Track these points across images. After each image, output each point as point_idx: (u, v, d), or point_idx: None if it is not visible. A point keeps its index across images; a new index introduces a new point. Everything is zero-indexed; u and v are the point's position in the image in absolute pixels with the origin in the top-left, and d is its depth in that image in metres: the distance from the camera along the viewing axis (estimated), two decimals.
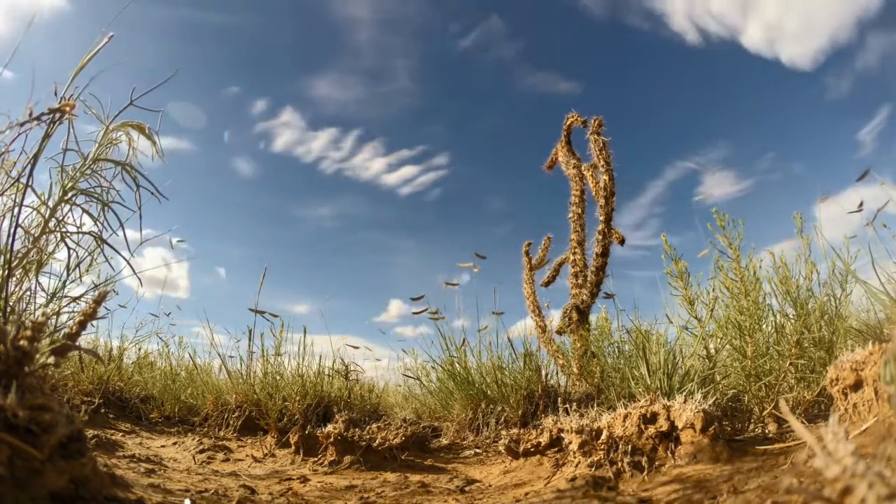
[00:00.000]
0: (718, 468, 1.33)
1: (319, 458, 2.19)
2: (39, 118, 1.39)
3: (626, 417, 1.58)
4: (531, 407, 2.65)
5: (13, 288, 1.52)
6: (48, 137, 1.47)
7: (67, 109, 1.43)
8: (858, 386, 1.27)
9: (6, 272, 1.41)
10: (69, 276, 1.72)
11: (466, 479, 1.86)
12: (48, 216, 1.57)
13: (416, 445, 2.28)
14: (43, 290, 1.68)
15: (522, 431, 2.05)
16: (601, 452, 1.56)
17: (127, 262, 1.70)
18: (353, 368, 3.29)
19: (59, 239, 1.65)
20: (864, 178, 2.06)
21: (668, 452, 1.47)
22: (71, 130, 1.57)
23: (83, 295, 1.81)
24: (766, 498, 0.94)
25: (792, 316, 2.03)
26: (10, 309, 1.45)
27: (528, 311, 3.82)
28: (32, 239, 1.55)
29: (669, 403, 1.54)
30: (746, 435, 1.74)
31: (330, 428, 2.19)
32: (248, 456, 2.35)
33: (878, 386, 1.21)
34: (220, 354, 3.29)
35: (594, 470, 1.52)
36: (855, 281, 2.09)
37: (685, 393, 1.81)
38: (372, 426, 2.35)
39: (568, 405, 2.06)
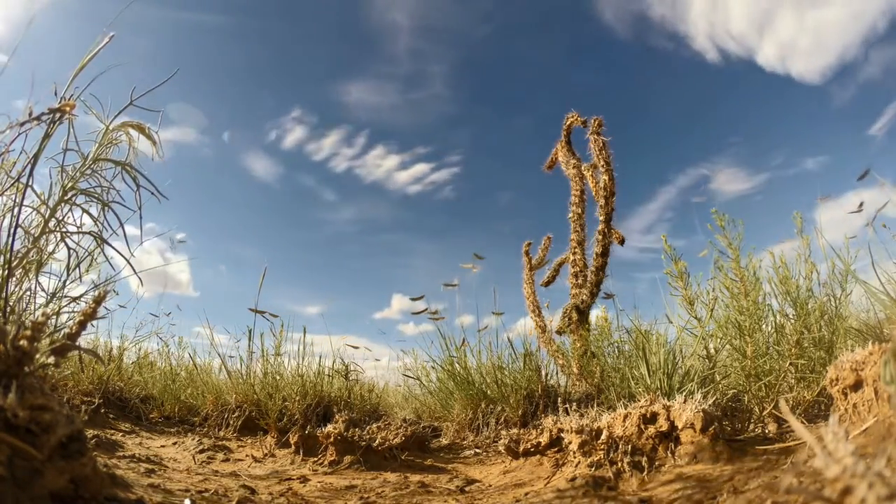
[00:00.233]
0: (718, 468, 1.33)
1: (319, 458, 2.19)
2: (39, 118, 1.39)
3: (626, 417, 1.58)
4: (531, 407, 2.65)
5: (13, 288, 1.52)
6: (48, 137, 1.47)
7: (67, 109, 1.43)
8: (858, 386, 1.27)
9: (6, 272, 1.41)
10: (69, 276, 1.72)
11: (466, 479, 1.86)
12: (48, 216, 1.57)
13: (416, 445, 2.28)
14: (43, 290, 1.68)
15: (522, 431, 2.05)
16: (601, 452, 1.56)
17: (127, 261, 1.70)
18: (353, 368, 3.30)
19: (59, 239, 1.65)
20: (864, 177, 2.07)
21: (668, 452, 1.47)
22: (71, 130, 1.57)
23: (83, 295, 1.81)
24: (766, 498, 0.94)
25: (792, 316, 2.03)
26: (10, 309, 1.45)
27: (528, 311, 3.83)
28: (32, 239, 1.55)
29: (669, 403, 1.54)
30: (746, 435, 1.74)
31: (330, 428, 2.19)
32: (248, 456, 2.35)
33: (878, 386, 1.21)
34: (220, 354, 3.30)
35: (594, 470, 1.52)
36: (855, 281, 2.09)
37: (685, 393, 1.81)
38: (372, 426, 2.35)
39: (568, 405, 2.06)
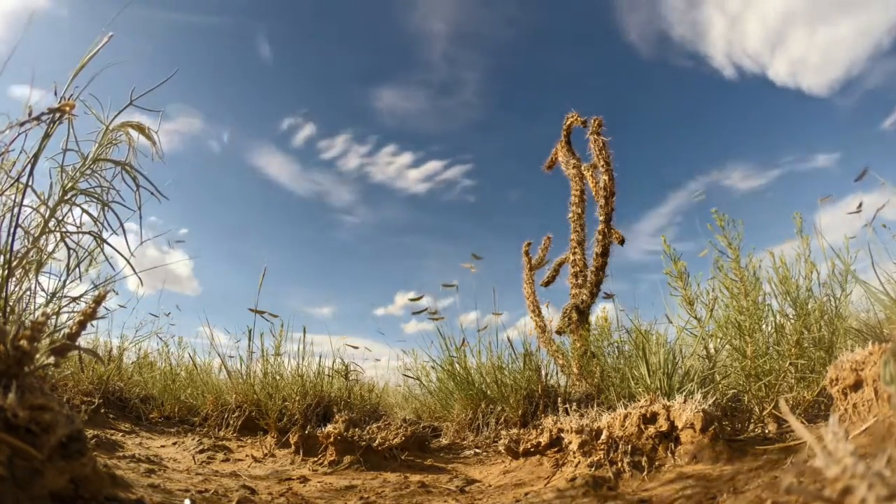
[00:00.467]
0: (718, 468, 1.33)
1: (319, 458, 2.19)
2: (39, 118, 1.39)
3: (626, 417, 1.58)
4: (531, 407, 2.65)
5: (13, 288, 1.52)
6: (48, 137, 1.47)
7: (67, 109, 1.43)
8: (858, 386, 1.27)
9: (6, 272, 1.41)
10: (69, 275, 1.72)
11: (466, 479, 1.86)
12: (48, 216, 1.57)
13: (416, 445, 2.27)
14: (43, 290, 1.68)
15: (522, 431, 2.05)
16: (601, 452, 1.56)
17: (127, 261, 1.70)
18: (352, 368, 3.30)
19: (58, 239, 1.65)
20: (862, 178, 2.07)
21: (667, 452, 1.47)
22: (71, 130, 1.57)
23: (83, 295, 1.81)
24: (766, 498, 0.94)
25: (792, 316, 2.03)
26: (10, 309, 1.45)
27: (528, 311, 3.83)
28: (32, 239, 1.55)
29: (669, 403, 1.54)
30: (746, 435, 1.74)
31: (330, 428, 2.19)
32: (248, 456, 2.35)
33: (878, 386, 1.21)
34: (219, 354, 3.29)
35: (594, 470, 1.52)
36: (855, 281, 2.09)
37: (685, 393, 1.81)
38: (372, 426, 2.35)
39: (568, 405, 2.06)
